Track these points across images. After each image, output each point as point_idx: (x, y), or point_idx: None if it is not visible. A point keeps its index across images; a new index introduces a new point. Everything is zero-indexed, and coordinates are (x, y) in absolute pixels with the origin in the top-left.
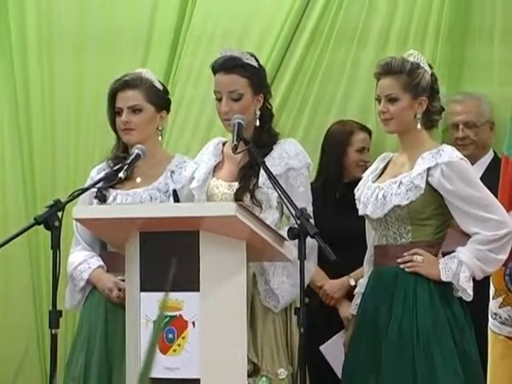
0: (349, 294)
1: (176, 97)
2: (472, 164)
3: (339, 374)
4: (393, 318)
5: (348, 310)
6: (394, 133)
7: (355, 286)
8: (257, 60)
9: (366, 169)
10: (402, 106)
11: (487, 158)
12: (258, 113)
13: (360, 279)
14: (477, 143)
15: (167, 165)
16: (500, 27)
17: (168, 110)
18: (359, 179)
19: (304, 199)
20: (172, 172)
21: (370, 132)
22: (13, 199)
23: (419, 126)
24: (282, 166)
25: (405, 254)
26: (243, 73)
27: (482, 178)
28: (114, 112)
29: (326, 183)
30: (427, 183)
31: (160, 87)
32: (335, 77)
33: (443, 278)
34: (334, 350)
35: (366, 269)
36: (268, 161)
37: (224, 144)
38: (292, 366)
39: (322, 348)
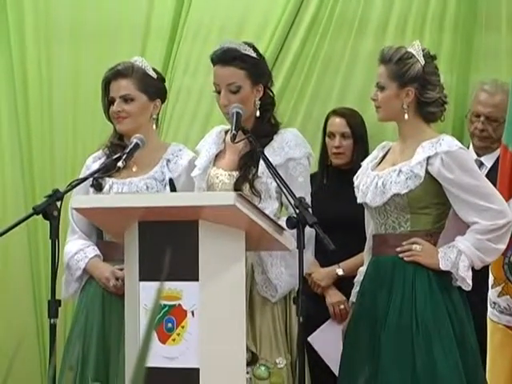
0: (337, 283)
1: (174, 87)
2: (482, 154)
3: (328, 362)
4: (391, 307)
5: (334, 297)
6: (384, 121)
7: (342, 276)
8: (255, 50)
9: (340, 155)
10: (387, 94)
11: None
12: (258, 103)
13: (350, 268)
14: (493, 139)
15: (163, 153)
16: (506, 15)
17: (163, 99)
18: (355, 167)
19: (303, 189)
20: (168, 161)
21: (348, 117)
22: (12, 189)
23: (407, 116)
24: (281, 156)
25: (404, 243)
26: (241, 65)
27: (491, 169)
28: (108, 101)
29: (320, 170)
30: (427, 172)
31: (154, 75)
32: (333, 67)
33: (442, 267)
34: (322, 340)
35: (366, 258)
36: (268, 150)
37: (226, 132)
38: (291, 354)
39: (309, 338)
